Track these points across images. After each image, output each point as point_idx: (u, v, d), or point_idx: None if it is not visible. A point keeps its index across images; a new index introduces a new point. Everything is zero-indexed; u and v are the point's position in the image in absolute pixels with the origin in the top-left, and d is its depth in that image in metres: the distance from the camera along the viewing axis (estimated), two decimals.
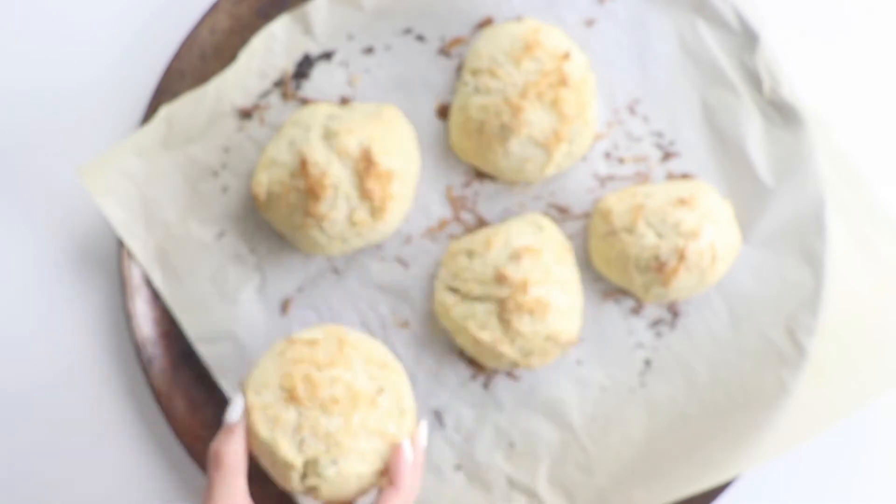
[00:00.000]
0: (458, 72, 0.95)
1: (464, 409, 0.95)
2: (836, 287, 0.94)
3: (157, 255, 0.95)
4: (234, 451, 0.80)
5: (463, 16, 0.95)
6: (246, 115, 0.95)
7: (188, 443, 0.94)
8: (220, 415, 0.95)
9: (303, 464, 0.81)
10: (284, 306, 0.95)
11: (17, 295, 0.99)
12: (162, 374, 0.95)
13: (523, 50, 0.91)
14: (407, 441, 0.82)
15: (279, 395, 0.81)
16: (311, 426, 0.80)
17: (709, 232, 0.91)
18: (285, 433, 0.81)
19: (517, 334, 0.90)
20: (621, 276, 0.93)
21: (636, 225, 0.91)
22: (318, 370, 0.81)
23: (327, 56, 0.95)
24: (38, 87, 0.99)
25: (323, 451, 0.81)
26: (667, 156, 0.95)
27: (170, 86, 0.95)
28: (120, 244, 0.95)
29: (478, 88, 0.92)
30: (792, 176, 0.94)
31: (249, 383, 0.82)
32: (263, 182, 0.91)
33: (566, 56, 0.91)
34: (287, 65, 0.95)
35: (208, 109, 0.94)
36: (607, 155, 0.96)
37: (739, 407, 0.94)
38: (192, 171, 0.95)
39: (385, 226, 0.92)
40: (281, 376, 0.81)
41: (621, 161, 0.96)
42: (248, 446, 0.81)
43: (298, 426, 0.81)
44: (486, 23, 0.95)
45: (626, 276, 0.92)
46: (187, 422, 0.95)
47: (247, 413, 0.81)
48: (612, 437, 0.95)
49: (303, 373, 0.81)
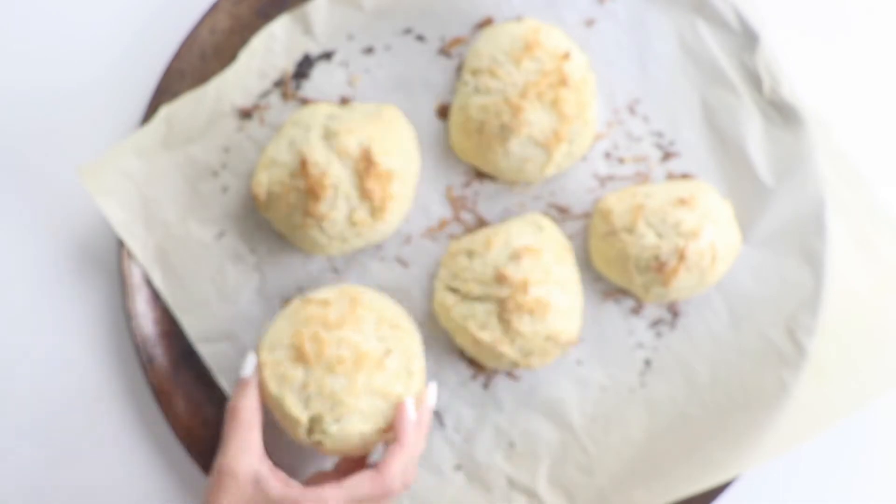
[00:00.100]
0: (458, 72, 0.95)
1: (464, 409, 0.95)
2: (836, 287, 0.94)
3: (157, 255, 0.95)
4: (248, 406, 0.84)
5: (463, 16, 0.95)
6: (246, 115, 0.95)
7: (188, 443, 0.94)
8: (220, 414, 0.95)
9: (308, 420, 0.85)
10: (284, 306, 0.95)
11: (17, 295, 0.99)
12: (162, 373, 0.95)
13: (523, 50, 0.91)
14: (410, 399, 0.85)
15: (289, 353, 0.85)
16: (317, 384, 0.84)
17: (709, 232, 0.91)
18: (292, 390, 0.85)
19: (517, 334, 0.90)
20: (621, 276, 0.93)
21: (636, 225, 0.91)
22: (326, 330, 0.85)
23: (327, 56, 0.95)
24: (38, 87, 0.99)
25: (327, 409, 0.84)
26: (667, 156, 0.95)
27: (170, 86, 0.95)
28: (120, 244, 0.95)
29: (478, 88, 0.92)
30: (792, 176, 0.94)
31: (264, 341, 0.86)
32: (263, 182, 0.91)
33: (566, 56, 0.91)
34: (287, 65, 0.95)
35: (208, 109, 0.94)
36: (607, 155, 0.96)
37: (739, 407, 0.94)
38: (192, 171, 0.95)
39: (385, 226, 0.92)
40: (292, 335, 0.85)
41: (621, 161, 0.96)
42: (262, 401, 0.85)
43: (305, 384, 0.85)
44: (486, 23, 0.95)
45: (626, 276, 0.92)
46: (187, 421, 0.95)
47: (259, 369, 0.85)
48: (613, 437, 0.95)
49: (311, 332, 0.85)
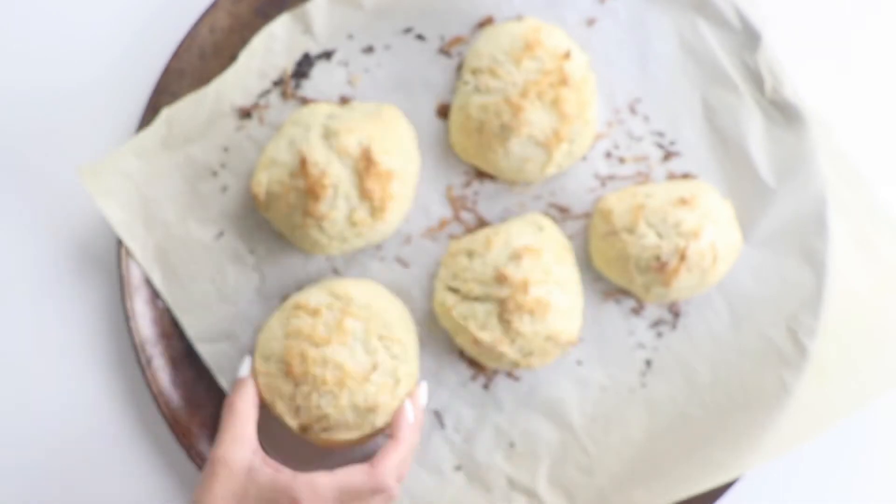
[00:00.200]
0: (459, 71, 0.95)
1: (464, 409, 0.95)
2: (836, 287, 0.94)
3: (157, 255, 0.95)
4: (244, 401, 0.89)
5: (463, 15, 0.95)
6: (246, 114, 0.95)
7: (187, 443, 0.94)
8: (219, 415, 0.95)
9: (298, 426, 0.90)
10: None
11: (17, 295, 0.98)
12: (161, 373, 0.95)
13: (524, 49, 0.91)
14: (409, 402, 0.90)
15: (280, 366, 0.89)
16: (304, 398, 0.89)
17: (709, 232, 0.90)
18: (283, 400, 0.90)
19: (517, 334, 0.90)
20: (622, 276, 0.92)
21: (637, 225, 0.91)
22: (314, 347, 0.89)
23: (327, 55, 0.95)
24: (38, 87, 0.99)
25: (315, 421, 0.89)
26: (667, 155, 0.95)
27: (169, 85, 0.95)
28: (119, 244, 0.94)
29: (478, 88, 0.92)
30: (793, 176, 0.94)
31: (258, 345, 0.91)
32: (263, 182, 0.91)
33: (567, 55, 0.91)
34: (287, 64, 0.95)
35: (208, 109, 0.94)
36: (608, 155, 0.95)
37: (740, 407, 0.94)
38: (191, 171, 0.95)
39: (385, 226, 0.92)
40: (282, 348, 0.89)
41: (622, 161, 0.95)
42: (258, 399, 0.90)
43: (293, 396, 0.89)
44: (486, 22, 0.95)
45: (626, 276, 0.92)
46: (186, 421, 0.95)
47: (253, 374, 0.90)
48: (613, 437, 0.95)
49: (300, 349, 0.89)
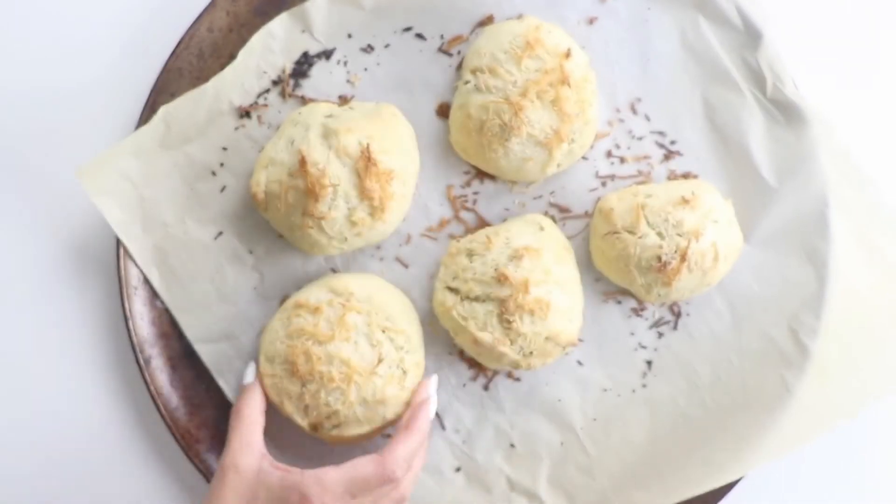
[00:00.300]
0: (459, 70, 0.95)
1: (464, 410, 0.95)
2: (838, 286, 0.94)
3: (156, 255, 0.94)
4: (251, 407, 0.88)
5: (463, 14, 0.94)
6: (244, 114, 0.94)
7: (186, 443, 0.94)
8: (218, 416, 0.95)
9: (308, 425, 0.90)
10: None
11: (16, 294, 0.98)
12: (159, 374, 0.94)
13: (524, 48, 0.91)
14: (426, 389, 0.90)
15: (285, 367, 0.89)
16: (312, 398, 0.89)
17: (711, 232, 0.90)
18: (291, 400, 0.89)
19: (517, 335, 0.89)
20: (622, 276, 0.92)
21: (637, 224, 0.91)
22: (318, 344, 0.89)
23: (326, 54, 0.95)
24: (37, 86, 0.99)
25: (324, 418, 0.89)
26: (668, 155, 0.95)
27: (168, 85, 0.95)
28: (118, 244, 0.94)
29: (478, 87, 0.92)
30: (794, 175, 0.94)
31: (262, 347, 0.91)
32: (261, 182, 0.91)
33: (567, 54, 0.91)
34: (286, 63, 0.94)
35: (207, 109, 0.94)
36: (608, 154, 0.95)
37: (741, 408, 0.94)
38: (190, 171, 0.94)
39: (384, 225, 0.91)
40: (286, 349, 0.89)
41: (622, 160, 0.95)
42: (264, 404, 0.89)
43: (301, 395, 0.89)
44: (486, 21, 0.95)
45: (627, 276, 0.92)
46: (185, 422, 0.94)
47: (259, 377, 0.90)
48: (613, 438, 0.95)
49: (303, 348, 0.88)
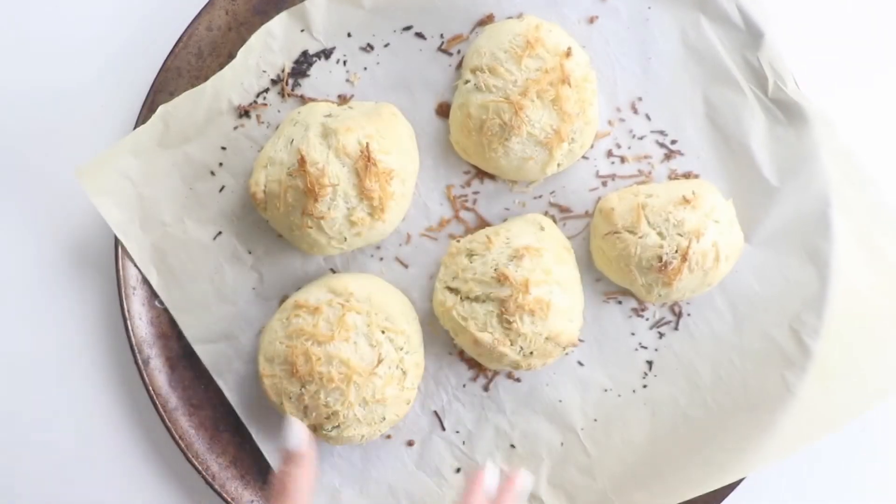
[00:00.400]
0: (459, 70, 0.94)
1: (464, 410, 0.95)
2: (839, 286, 0.93)
3: (154, 255, 0.94)
4: (298, 483, 0.76)
5: (463, 13, 0.94)
6: (243, 113, 0.94)
7: (185, 443, 0.94)
8: (216, 416, 0.94)
9: (308, 426, 0.89)
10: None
11: (15, 294, 0.98)
12: (158, 374, 0.94)
13: (524, 47, 0.90)
14: (489, 471, 0.81)
15: (284, 367, 0.89)
16: (312, 399, 0.88)
17: (712, 231, 0.90)
18: (290, 401, 0.89)
19: (518, 335, 0.89)
20: (623, 276, 0.92)
21: (638, 224, 0.90)
22: (317, 345, 0.88)
23: (326, 54, 0.94)
24: (37, 86, 0.99)
25: (324, 419, 0.89)
26: (669, 154, 0.95)
27: (167, 84, 0.95)
28: (117, 244, 0.94)
29: (478, 86, 0.91)
30: (796, 175, 0.93)
31: (261, 347, 0.91)
32: (261, 181, 0.91)
33: (567, 53, 0.90)
34: (285, 62, 0.94)
35: (205, 108, 0.93)
36: (609, 154, 0.95)
37: (742, 408, 0.93)
38: (189, 171, 0.94)
39: (384, 225, 0.91)
40: (285, 349, 0.89)
41: (623, 160, 0.95)
42: (314, 478, 0.78)
43: (301, 396, 0.89)
44: (486, 20, 0.94)
45: (627, 276, 0.91)
46: (184, 422, 0.94)
47: (259, 380, 0.89)
48: (614, 438, 0.94)
49: (303, 349, 0.88)
